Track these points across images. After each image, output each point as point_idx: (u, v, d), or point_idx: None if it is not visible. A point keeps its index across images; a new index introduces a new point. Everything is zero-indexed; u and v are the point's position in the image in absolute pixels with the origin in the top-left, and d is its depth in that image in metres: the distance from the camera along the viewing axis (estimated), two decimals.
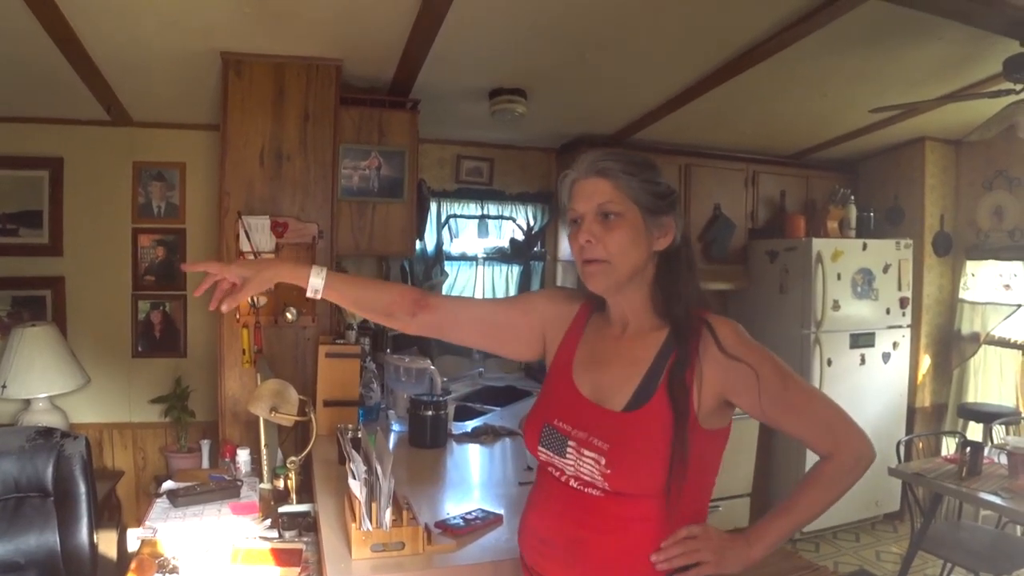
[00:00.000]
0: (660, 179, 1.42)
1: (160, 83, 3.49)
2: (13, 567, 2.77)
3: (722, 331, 1.35)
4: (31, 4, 2.57)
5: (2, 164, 3.94)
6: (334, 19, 2.86)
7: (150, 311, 4.09)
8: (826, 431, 1.36)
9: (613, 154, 1.40)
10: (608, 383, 1.41)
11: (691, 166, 4.76)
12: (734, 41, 3.12)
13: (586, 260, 1.38)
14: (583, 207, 1.38)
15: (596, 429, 1.36)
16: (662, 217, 1.38)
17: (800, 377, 1.38)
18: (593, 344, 1.49)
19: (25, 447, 2.91)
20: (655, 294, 1.41)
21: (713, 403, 1.34)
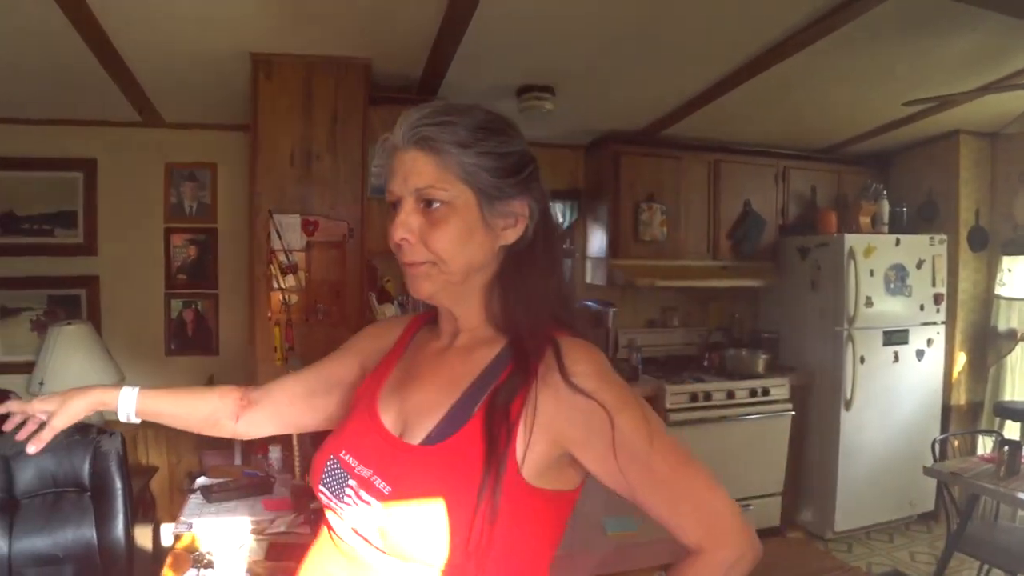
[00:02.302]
0: (512, 145, 1.05)
1: (191, 85, 3.53)
2: (51, 560, 2.83)
3: (572, 356, 0.99)
4: (65, 8, 2.61)
5: (37, 166, 4.02)
6: (362, 18, 2.87)
7: (183, 310, 4.15)
8: (698, 517, 0.98)
9: (440, 113, 1.02)
10: (415, 408, 1.07)
11: (720, 162, 4.72)
12: (764, 35, 3.08)
13: (407, 263, 1.06)
14: (399, 188, 1.03)
15: (383, 467, 1.02)
16: (511, 201, 1.04)
17: (675, 440, 1.02)
18: (411, 361, 1.17)
19: (62, 443, 2.96)
20: (491, 299, 1.09)
21: (546, 451, 0.98)
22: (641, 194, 4.48)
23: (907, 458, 4.48)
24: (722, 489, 1.00)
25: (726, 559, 0.97)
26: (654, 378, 4.40)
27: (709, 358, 4.73)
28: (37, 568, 2.82)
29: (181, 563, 2.12)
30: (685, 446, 1.02)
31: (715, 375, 4.54)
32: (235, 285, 4.08)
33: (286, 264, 3.11)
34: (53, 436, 1.32)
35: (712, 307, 5.10)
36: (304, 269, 3.16)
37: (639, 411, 0.99)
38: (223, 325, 4.18)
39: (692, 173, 4.65)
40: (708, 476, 1.00)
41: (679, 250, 4.61)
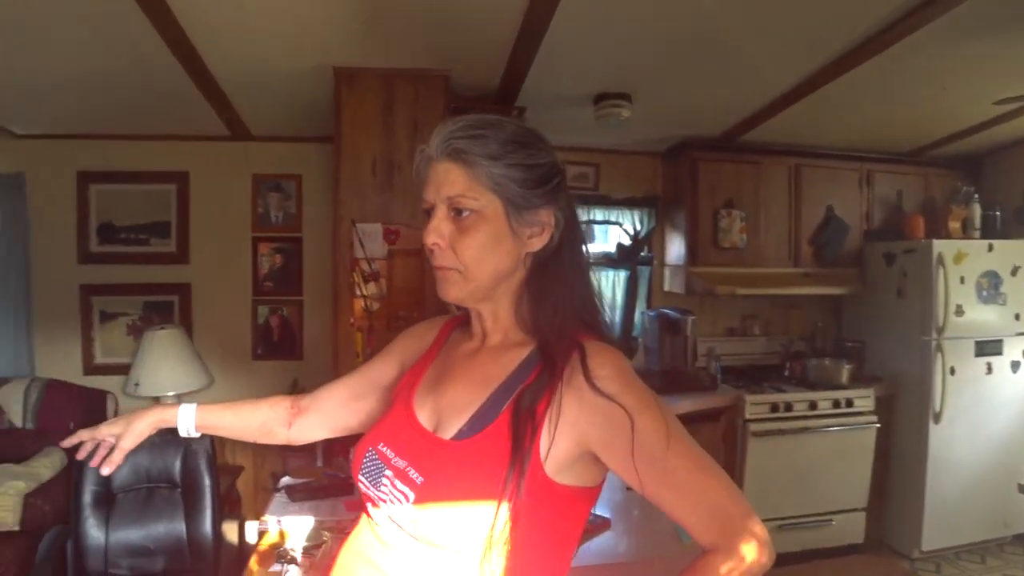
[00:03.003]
0: (540, 158, 1.11)
1: (277, 99, 3.66)
2: (144, 552, 2.98)
3: (596, 360, 1.04)
4: (160, 30, 2.75)
5: (135, 179, 4.25)
6: (441, 32, 2.93)
7: (269, 315, 4.30)
8: (713, 518, 1.00)
9: (473, 127, 1.09)
10: (448, 405, 1.14)
11: (802, 167, 4.62)
12: (845, 35, 3.00)
13: (437, 267, 1.13)
14: (432, 197, 1.11)
15: (417, 459, 1.09)
16: (537, 211, 1.10)
17: (693, 442, 1.04)
18: (445, 360, 1.24)
19: (156, 441, 3.07)
20: (521, 304, 1.15)
21: (570, 450, 1.04)
22: (720, 200, 4.43)
23: (1001, 475, 4.29)
24: (737, 492, 1.03)
25: (738, 561, 0.99)
26: (733, 387, 4.34)
27: (790, 367, 4.63)
28: (131, 558, 2.98)
29: (266, 558, 2.19)
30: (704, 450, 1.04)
31: (796, 385, 4.44)
32: (319, 292, 4.20)
33: (368, 272, 3.18)
34: (123, 456, 1.40)
35: (793, 315, 4.99)
36: (386, 277, 3.23)
37: (659, 414, 1.02)
38: (307, 330, 4.30)
39: (772, 178, 4.56)
40: (725, 480, 1.03)
41: (759, 257, 4.52)
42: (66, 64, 3.17)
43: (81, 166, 4.22)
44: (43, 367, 4.18)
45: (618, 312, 4.72)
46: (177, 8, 2.63)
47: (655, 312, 4.61)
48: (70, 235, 4.24)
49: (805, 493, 4.23)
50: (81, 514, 2.97)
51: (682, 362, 4.44)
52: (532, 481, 1.01)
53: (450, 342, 1.28)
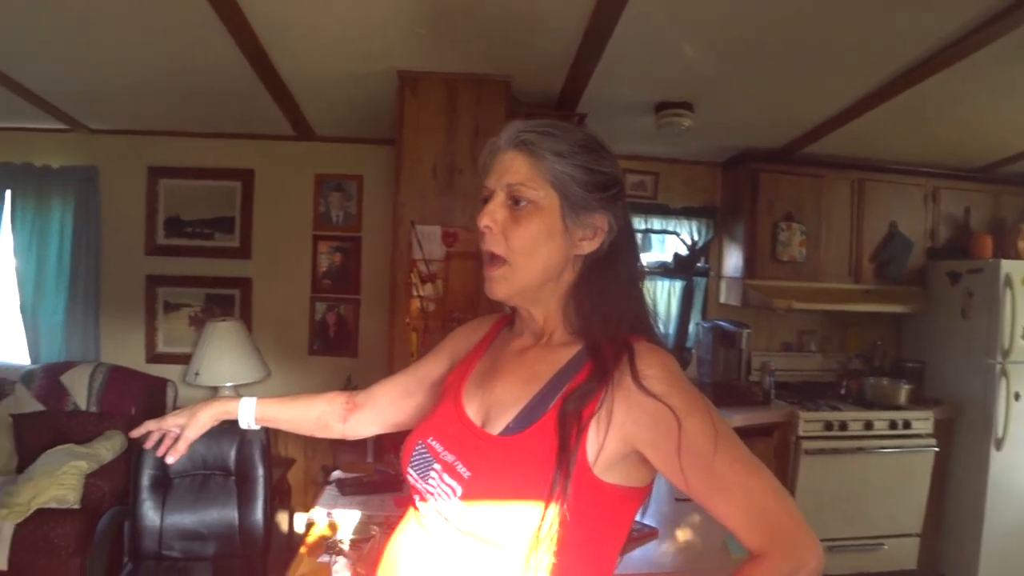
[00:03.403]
0: (603, 165, 1.14)
1: (342, 101, 3.73)
2: (196, 536, 3.07)
3: (645, 360, 1.05)
4: (232, 32, 2.84)
5: (202, 175, 4.38)
6: (503, 38, 2.95)
7: (326, 312, 4.38)
8: (761, 522, 1.00)
9: (545, 125, 1.13)
10: (496, 401, 1.15)
11: (865, 181, 4.52)
12: (915, 46, 2.91)
13: (487, 255, 1.14)
14: (494, 183, 1.14)
15: (465, 453, 1.10)
16: (593, 214, 1.12)
17: (743, 446, 1.04)
18: (494, 357, 1.25)
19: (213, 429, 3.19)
20: (569, 306, 1.16)
21: (617, 449, 1.04)
22: (780, 213, 4.37)
23: None
24: (787, 497, 1.02)
25: (790, 565, 0.99)
26: (787, 403, 4.27)
27: (847, 386, 4.53)
28: (183, 541, 3.07)
29: (315, 548, 2.24)
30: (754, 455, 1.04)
31: (852, 404, 4.34)
32: (376, 291, 4.27)
33: (425, 273, 3.22)
34: (187, 446, 1.44)
35: (852, 332, 4.90)
36: (442, 278, 3.26)
37: (707, 416, 1.02)
38: (363, 329, 4.37)
39: (834, 192, 4.48)
40: (773, 483, 1.02)
41: (818, 272, 4.45)
42: (139, 62, 3.29)
43: (152, 161, 4.38)
44: (108, 353, 4.35)
45: (672, 323, 4.69)
46: (248, 10, 2.71)
47: (710, 324, 4.57)
48: (139, 227, 4.39)
49: (857, 515, 4.13)
50: (139, 496, 3.07)
51: (735, 375, 4.39)
52: (579, 480, 1.02)
53: (499, 339, 1.30)
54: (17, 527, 3.18)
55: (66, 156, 4.35)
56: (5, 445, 3.83)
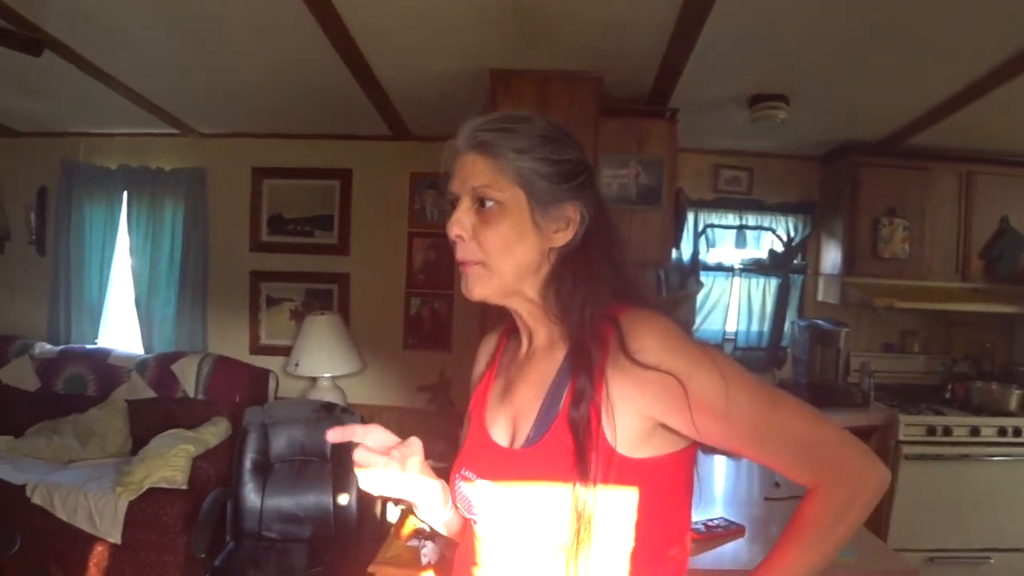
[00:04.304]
0: (567, 153, 1.10)
1: (436, 101, 3.81)
2: (293, 518, 3.21)
3: (634, 333, 1.01)
4: (331, 36, 2.96)
5: (303, 175, 4.56)
6: (594, 35, 2.96)
7: (420, 307, 4.48)
8: (803, 453, 0.98)
9: (502, 121, 1.09)
10: (518, 413, 1.13)
11: (974, 174, 4.27)
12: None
13: (460, 261, 1.11)
14: (457, 188, 1.10)
15: (495, 474, 1.10)
16: (563, 205, 1.08)
17: (757, 381, 1.01)
18: (507, 370, 1.22)
19: (311, 417, 3.36)
20: (548, 298, 1.11)
21: (638, 426, 1.02)
22: (881, 208, 4.21)
23: None
24: (823, 419, 0.99)
25: (844, 490, 0.96)
26: (887, 406, 4.11)
27: (952, 390, 4.34)
28: (282, 523, 3.21)
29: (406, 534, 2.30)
30: (767, 383, 1.02)
31: (958, 409, 4.15)
32: None
33: None
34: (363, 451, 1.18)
35: (958, 333, 4.68)
36: None
37: (712, 368, 0.98)
38: (456, 324, 4.45)
39: (940, 185, 4.26)
40: (803, 409, 0.99)
41: (922, 269, 4.26)
42: (244, 70, 3.49)
43: (256, 162, 4.58)
44: (214, 344, 4.57)
45: (767, 321, 4.60)
46: (346, 15, 2.82)
47: (806, 322, 4.45)
48: (244, 225, 4.61)
49: (961, 525, 3.94)
50: (241, 479, 3.23)
51: (833, 376, 4.27)
52: (612, 467, 1.00)
53: (508, 350, 1.26)
54: (130, 504, 3.39)
55: (177, 159, 4.61)
56: (121, 428, 4.09)
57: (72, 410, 4.19)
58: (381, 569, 2.17)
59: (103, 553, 3.43)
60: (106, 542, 3.41)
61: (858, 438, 1.00)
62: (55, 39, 3.12)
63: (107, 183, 4.61)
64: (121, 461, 3.79)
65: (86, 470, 3.70)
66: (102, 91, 3.73)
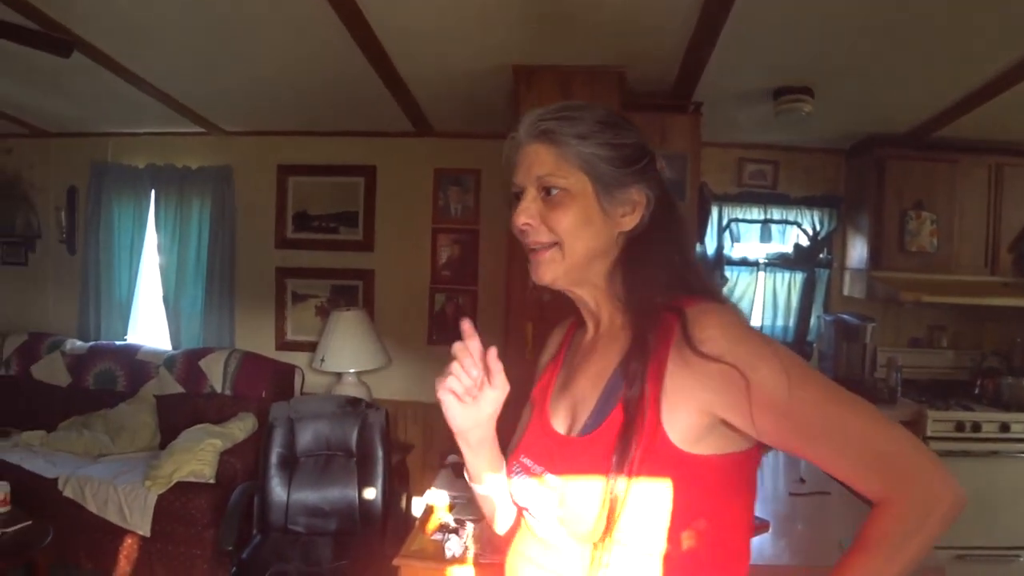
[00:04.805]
0: (628, 137, 1.10)
1: (459, 98, 3.83)
2: (319, 512, 3.25)
3: (699, 324, 0.98)
4: (354, 35, 2.98)
5: (327, 172, 4.59)
6: (616, 29, 2.95)
7: (445, 303, 4.50)
8: (870, 461, 0.91)
9: (561, 110, 1.09)
10: (578, 401, 1.12)
11: (1004, 166, 4.19)
12: None
13: (531, 247, 1.10)
14: (522, 179, 1.10)
15: (553, 462, 1.09)
16: (628, 189, 1.08)
17: (826, 382, 0.97)
18: (572, 359, 1.22)
19: (336, 413, 3.39)
20: (616, 283, 1.11)
21: (697, 421, 0.98)
22: (908, 201, 4.15)
23: None
24: (895, 425, 0.93)
25: (917, 505, 0.89)
26: (914, 401, 4.07)
27: (981, 385, 4.28)
28: (307, 517, 3.25)
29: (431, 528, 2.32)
30: (837, 384, 0.96)
31: (987, 405, 4.09)
32: (493, 282, 4.35)
33: None
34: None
35: (988, 328, 4.61)
36: None
37: (776, 363, 0.94)
38: (480, 319, 4.44)
39: (969, 178, 4.19)
40: (873, 413, 0.93)
41: (951, 263, 4.19)
42: (269, 68, 3.53)
43: (281, 160, 4.62)
44: (241, 340, 4.63)
45: (793, 315, 4.56)
46: (369, 13, 2.84)
47: (832, 317, 4.42)
48: (269, 222, 4.65)
49: (990, 523, 3.86)
50: (268, 473, 3.26)
51: (859, 371, 4.23)
52: (666, 459, 0.97)
53: (574, 341, 1.26)
54: (159, 497, 3.45)
55: (204, 157, 4.66)
56: (149, 423, 4.15)
57: (102, 405, 4.27)
58: (406, 562, 2.19)
59: (133, 545, 3.49)
60: (136, 534, 3.47)
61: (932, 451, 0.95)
62: (83, 40, 3.17)
63: (135, 182, 4.68)
64: (150, 455, 3.85)
65: (116, 464, 3.77)
66: (129, 91, 3.79)
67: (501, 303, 3.59)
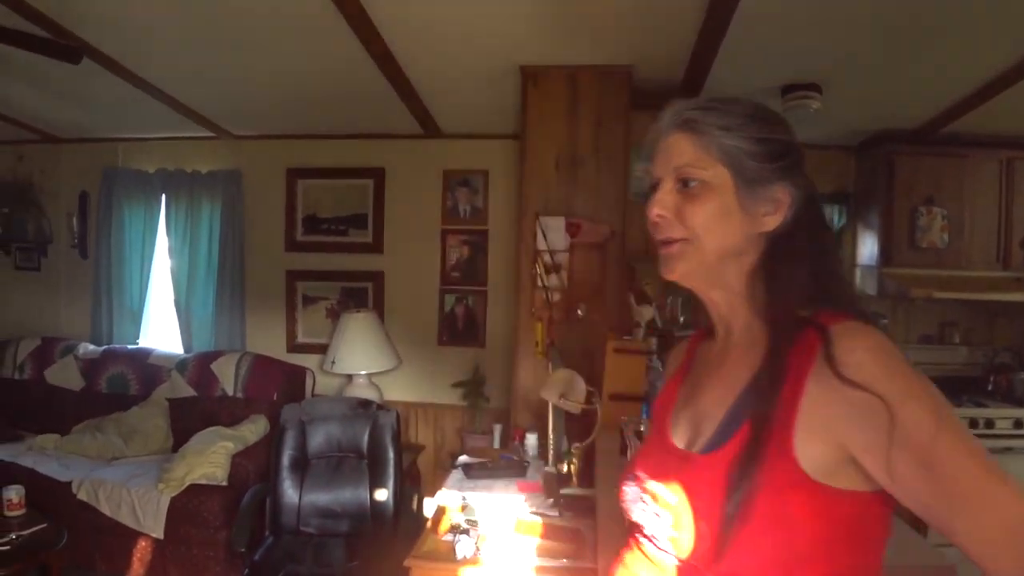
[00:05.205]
0: (776, 133, 1.02)
1: (466, 98, 3.84)
2: (330, 513, 3.26)
3: (845, 345, 0.88)
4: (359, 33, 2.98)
5: (337, 174, 4.61)
6: (624, 28, 2.96)
7: (455, 304, 4.50)
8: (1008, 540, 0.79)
9: (709, 101, 1.02)
10: (702, 416, 1.04)
11: (1015, 160, 4.15)
12: None
13: (662, 240, 1.03)
14: (660, 170, 1.04)
15: (668, 479, 1.01)
16: (771, 187, 0.99)
17: (974, 440, 0.83)
18: (696, 372, 1.14)
19: (347, 414, 3.40)
20: (755, 289, 1.02)
21: (829, 453, 0.88)
22: (918, 197, 4.12)
23: None
24: None
25: None
26: None
27: (994, 381, 4.25)
28: (319, 518, 3.26)
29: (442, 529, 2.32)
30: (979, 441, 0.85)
31: (1001, 401, 4.07)
32: (502, 283, 4.36)
33: (550, 264, 3.27)
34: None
35: (1000, 324, 4.57)
36: (567, 269, 3.30)
37: (929, 402, 0.84)
38: (490, 319, 4.46)
39: (979, 173, 4.15)
40: (1014, 483, 0.81)
41: (962, 259, 4.15)
42: (277, 72, 3.55)
43: (290, 163, 4.64)
44: (252, 343, 4.64)
45: None
46: (376, 16, 2.86)
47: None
48: (279, 225, 4.67)
49: None
50: (279, 475, 3.27)
51: None
52: (797, 489, 0.88)
53: (699, 355, 1.18)
54: (172, 500, 3.47)
55: (213, 161, 4.68)
56: (162, 426, 4.17)
57: (115, 409, 4.29)
58: (417, 563, 2.20)
59: (146, 547, 3.51)
60: (149, 537, 3.49)
61: None
62: (93, 47, 3.20)
63: (146, 187, 4.70)
64: (163, 458, 3.87)
65: (129, 467, 3.79)
66: (139, 96, 3.81)
67: (511, 303, 3.60)
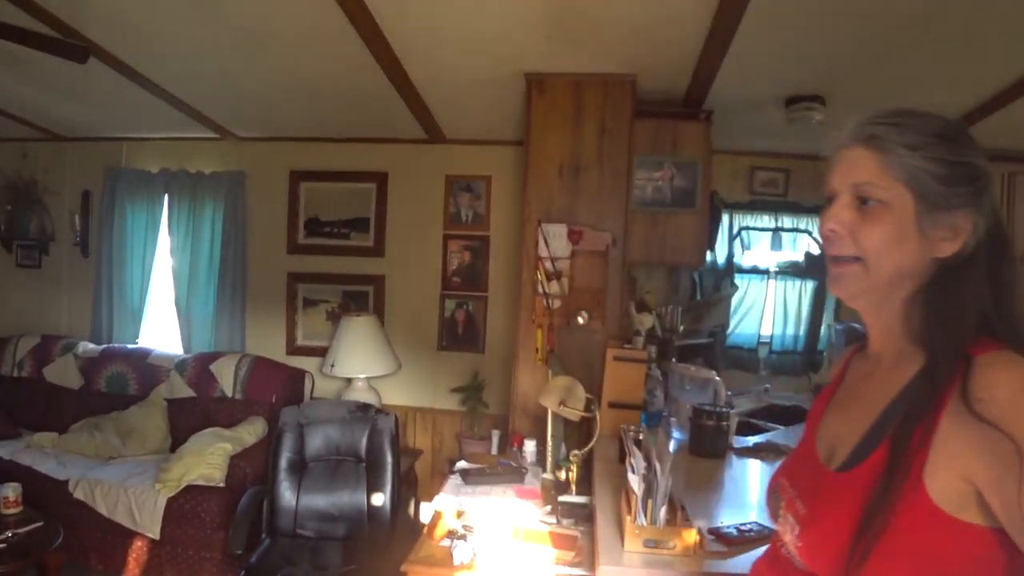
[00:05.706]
0: (965, 155, 0.96)
1: (471, 104, 3.84)
2: (328, 517, 3.25)
3: (985, 377, 0.84)
4: (365, 38, 2.99)
5: (340, 178, 4.60)
6: (629, 37, 2.96)
7: (455, 309, 4.49)
8: None
9: (895, 115, 0.97)
10: (841, 432, 1.05)
11: (1015, 174, 4.11)
12: None
13: (832, 256, 1.01)
14: (837, 183, 1.00)
15: (805, 490, 1.04)
16: (953, 212, 0.94)
17: None
18: (846, 386, 1.14)
19: (346, 418, 3.40)
20: (913, 313, 0.98)
21: (959, 487, 0.85)
22: None
23: None
24: None
25: None
26: None
27: None
28: (316, 522, 3.25)
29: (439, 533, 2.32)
30: None
31: None
32: (503, 289, 4.36)
33: (551, 271, 3.27)
34: None
35: None
36: (567, 276, 3.30)
37: None
38: (490, 325, 4.46)
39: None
40: None
41: None
42: (282, 75, 3.56)
43: (293, 165, 4.64)
44: (252, 345, 4.64)
45: (803, 324, 4.55)
46: (382, 21, 2.86)
47: (843, 325, 4.39)
48: (281, 228, 4.67)
49: None
50: (277, 477, 3.27)
51: None
52: (926, 520, 0.86)
53: (852, 367, 1.16)
54: (169, 501, 3.47)
55: (217, 162, 4.69)
56: (160, 426, 4.17)
57: (113, 408, 4.29)
58: (414, 568, 2.19)
59: (142, 548, 3.50)
60: (145, 537, 3.48)
61: None
62: (100, 47, 3.20)
63: (149, 186, 4.70)
64: (160, 458, 3.86)
65: (127, 466, 3.79)
66: (144, 96, 3.82)
67: (511, 309, 3.59)
